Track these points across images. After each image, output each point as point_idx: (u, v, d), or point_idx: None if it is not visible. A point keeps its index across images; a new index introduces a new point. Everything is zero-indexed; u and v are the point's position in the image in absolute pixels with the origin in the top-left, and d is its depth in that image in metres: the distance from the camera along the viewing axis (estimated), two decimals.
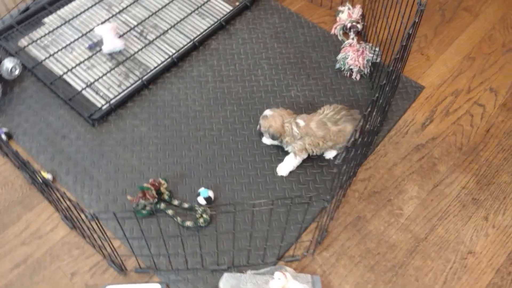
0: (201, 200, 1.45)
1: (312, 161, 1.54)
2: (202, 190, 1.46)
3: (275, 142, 1.54)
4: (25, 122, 1.63)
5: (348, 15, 1.81)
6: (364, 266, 1.38)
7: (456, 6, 1.92)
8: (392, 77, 1.22)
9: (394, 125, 1.63)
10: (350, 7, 1.84)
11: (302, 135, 1.46)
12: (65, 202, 1.17)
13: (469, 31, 1.85)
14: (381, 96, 1.16)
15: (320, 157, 1.55)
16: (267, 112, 1.50)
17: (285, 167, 1.52)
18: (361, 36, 1.83)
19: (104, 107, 1.62)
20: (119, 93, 1.65)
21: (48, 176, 1.48)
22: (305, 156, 1.51)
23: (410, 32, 1.16)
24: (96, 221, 1.07)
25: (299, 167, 1.53)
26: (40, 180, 1.43)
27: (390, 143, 1.59)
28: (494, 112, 1.66)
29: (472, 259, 1.39)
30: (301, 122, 1.47)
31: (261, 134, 1.57)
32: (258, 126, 1.53)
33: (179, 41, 1.79)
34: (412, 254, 1.40)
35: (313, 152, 1.50)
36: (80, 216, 1.09)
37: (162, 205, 1.44)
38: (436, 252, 1.40)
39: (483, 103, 1.68)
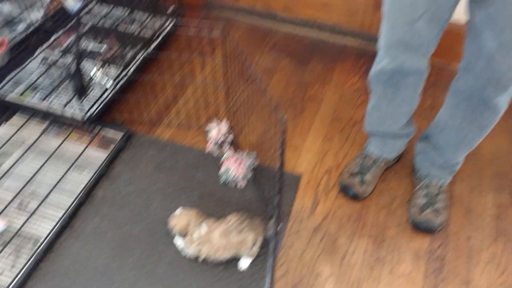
0: None
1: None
2: None
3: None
4: None
5: (217, 130, 1.99)
6: None
7: (302, 98, 2.23)
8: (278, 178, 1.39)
9: (289, 216, 1.79)
10: (219, 121, 2.02)
11: (202, 241, 1.53)
12: None
13: (319, 115, 2.16)
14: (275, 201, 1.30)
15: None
16: (177, 211, 1.62)
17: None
18: (234, 145, 2.01)
19: None
20: (16, 275, 1.54)
21: None
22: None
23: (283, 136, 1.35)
24: None
25: None
26: None
27: (291, 234, 1.74)
28: None
29: None
30: (204, 228, 1.56)
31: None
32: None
33: (63, 202, 1.76)
34: None
35: (210, 258, 1.57)
36: None
37: None
38: None
39: None
